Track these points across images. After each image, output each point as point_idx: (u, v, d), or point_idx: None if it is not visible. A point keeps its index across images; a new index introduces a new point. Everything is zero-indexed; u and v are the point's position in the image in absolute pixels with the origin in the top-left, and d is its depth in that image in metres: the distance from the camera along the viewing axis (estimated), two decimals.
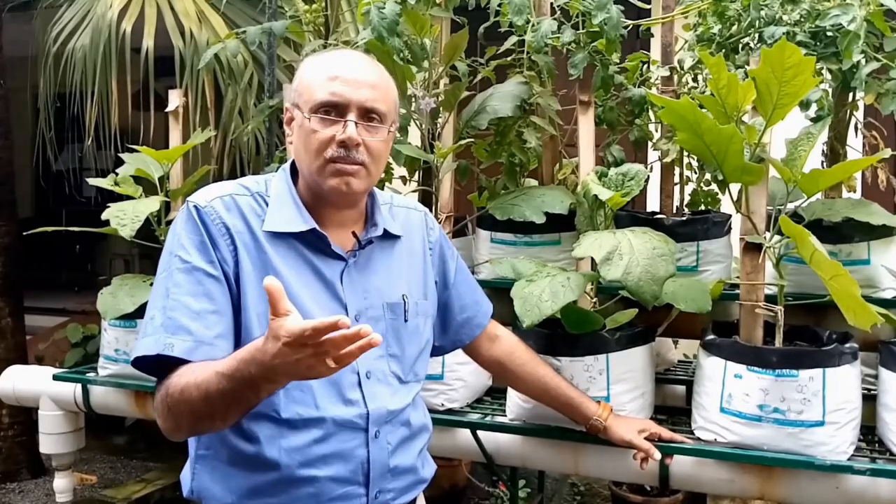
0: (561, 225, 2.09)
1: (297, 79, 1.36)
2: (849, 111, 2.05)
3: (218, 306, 1.24)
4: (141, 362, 1.23)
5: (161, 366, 1.21)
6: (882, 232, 1.85)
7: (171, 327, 1.20)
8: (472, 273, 1.95)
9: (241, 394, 1.11)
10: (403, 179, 2.41)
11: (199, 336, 1.20)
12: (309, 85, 1.32)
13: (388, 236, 1.42)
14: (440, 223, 2.13)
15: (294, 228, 1.30)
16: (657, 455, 1.68)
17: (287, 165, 1.40)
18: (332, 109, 1.29)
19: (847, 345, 1.64)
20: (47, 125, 3.98)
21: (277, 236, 1.30)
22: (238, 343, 1.25)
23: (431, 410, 1.88)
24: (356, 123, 1.29)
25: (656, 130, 2.38)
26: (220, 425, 1.20)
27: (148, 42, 3.63)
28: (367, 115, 1.31)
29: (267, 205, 1.32)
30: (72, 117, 3.78)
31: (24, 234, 2.76)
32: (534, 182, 2.39)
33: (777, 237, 1.69)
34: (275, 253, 1.28)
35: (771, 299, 1.72)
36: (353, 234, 1.36)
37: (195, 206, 1.28)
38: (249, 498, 1.29)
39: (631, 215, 2.15)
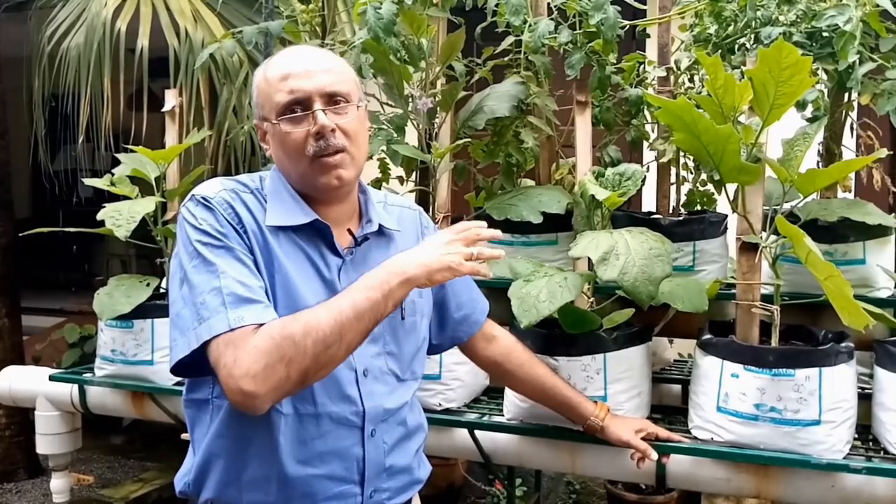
0: (558, 225, 2.09)
1: (254, 93, 1.36)
2: (844, 111, 2.05)
3: (261, 281, 1.24)
4: (192, 354, 1.19)
5: (206, 351, 1.18)
6: (877, 232, 1.85)
7: (234, 302, 1.18)
8: None
9: (378, 304, 1.20)
10: (400, 179, 2.41)
11: (264, 302, 1.21)
12: (267, 93, 1.32)
13: (383, 234, 1.42)
14: (437, 223, 2.14)
15: (297, 221, 1.31)
16: (654, 455, 1.69)
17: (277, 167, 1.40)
18: (297, 106, 1.29)
19: (843, 344, 1.65)
20: (41, 125, 3.96)
21: (280, 231, 1.30)
22: None
23: (429, 410, 1.89)
24: (324, 111, 1.29)
25: (653, 131, 2.39)
26: (343, 354, 1.20)
27: (143, 41, 3.62)
28: (332, 99, 1.31)
29: (266, 201, 1.33)
30: (67, 117, 3.77)
31: (21, 234, 2.76)
32: (531, 182, 2.39)
33: (773, 237, 1.70)
34: (278, 247, 1.29)
35: (767, 299, 1.73)
36: (349, 231, 1.37)
37: (203, 198, 1.28)
38: (244, 494, 1.29)
39: (628, 215, 2.15)
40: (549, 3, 2.18)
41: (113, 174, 2.48)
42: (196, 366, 1.22)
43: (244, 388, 1.14)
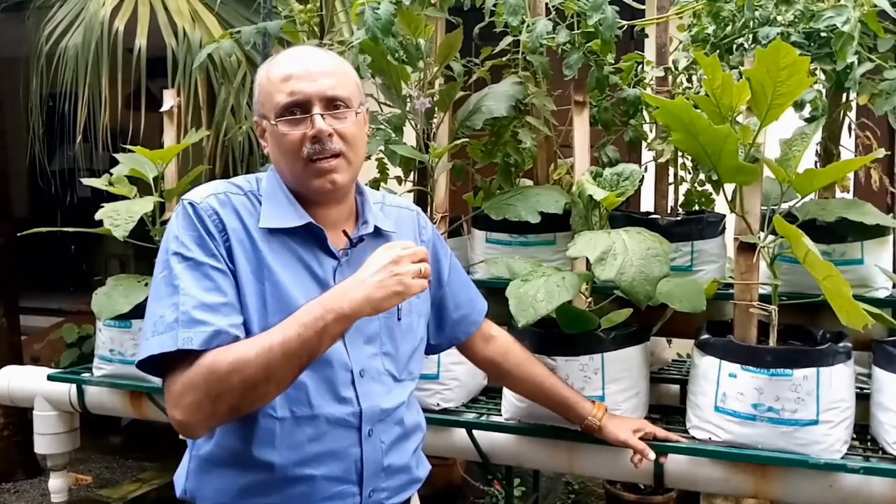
0: (556, 225, 2.09)
1: (256, 90, 1.36)
2: (842, 111, 2.05)
3: (229, 298, 1.23)
4: (146, 362, 1.21)
5: (166, 363, 1.20)
6: (875, 232, 1.86)
7: (186, 322, 1.18)
8: (468, 273, 1.96)
9: (311, 343, 1.17)
10: (399, 179, 2.42)
11: (217, 326, 1.19)
12: (268, 92, 1.32)
13: (380, 235, 1.41)
14: (435, 223, 2.14)
15: (290, 224, 1.30)
16: (652, 455, 1.69)
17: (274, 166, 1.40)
18: (297, 108, 1.29)
19: (841, 344, 1.65)
20: (38, 125, 3.96)
21: (272, 233, 1.29)
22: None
23: (427, 410, 1.89)
24: (322, 115, 1.29)
25: (651, 131, 2.39)
26: (273, 391, 1.19)
27: (141, 41, 3.61)
28: (332, 103, 1.31)
29: (260, 203, 1.32)
30: (65, 117, 3.77)
31: (19, 234, 2.75)
32: (529, 182, 2.40)
33: (771, 237, 1.70)
34: (269, 250, 1.28)
35: (765, 299, 1.73)
36: (344, 232, 1.36)
37: (190, 203, 1.28)
38: (243, 498, 1.29)
39: (626, 215, 2.15)
40: (547, 4, 2.18)
41: (111, 174, 2.48)
42: (158, 367, 1.22)
43: (176, 417, 1.19)
